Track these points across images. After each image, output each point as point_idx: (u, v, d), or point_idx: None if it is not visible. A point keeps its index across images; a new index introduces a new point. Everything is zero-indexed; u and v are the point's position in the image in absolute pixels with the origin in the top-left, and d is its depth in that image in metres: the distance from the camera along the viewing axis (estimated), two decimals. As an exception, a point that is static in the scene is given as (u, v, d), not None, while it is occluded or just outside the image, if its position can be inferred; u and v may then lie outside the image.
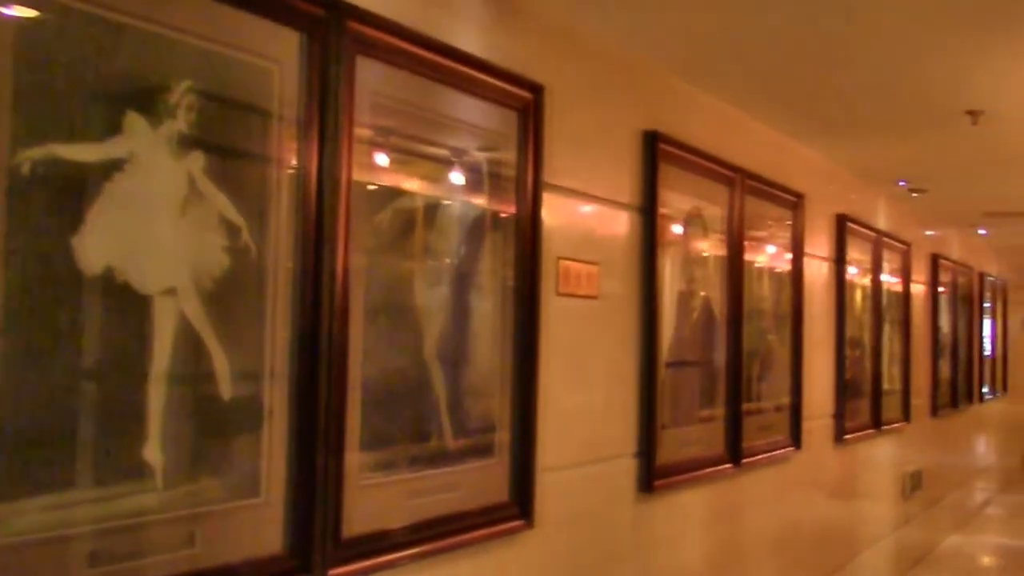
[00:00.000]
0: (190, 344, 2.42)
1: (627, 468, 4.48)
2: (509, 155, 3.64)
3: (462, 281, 3.41)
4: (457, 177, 3.41)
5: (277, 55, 2.68)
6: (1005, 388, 14.92)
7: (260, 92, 2.63)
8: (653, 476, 4.55)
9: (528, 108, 3.70)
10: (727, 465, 5.36)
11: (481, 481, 3.45)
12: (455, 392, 3.34)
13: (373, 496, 2.96)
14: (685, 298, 5.01)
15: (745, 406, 5.57)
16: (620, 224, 4.46)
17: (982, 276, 13.03)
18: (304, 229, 2.71)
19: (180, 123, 2.40)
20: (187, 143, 2.42)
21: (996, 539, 11.40)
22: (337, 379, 2.81)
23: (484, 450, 3.49)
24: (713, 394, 5.32)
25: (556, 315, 3.88)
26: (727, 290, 5.43)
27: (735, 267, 5.49)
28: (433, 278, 3.28)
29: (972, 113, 5.63)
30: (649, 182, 4.62)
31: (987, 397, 13.41)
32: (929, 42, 4.58)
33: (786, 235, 6.36)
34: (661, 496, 4.67)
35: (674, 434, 4.83)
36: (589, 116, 4.25)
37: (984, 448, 13.50)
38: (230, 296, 2.54)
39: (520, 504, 3.61)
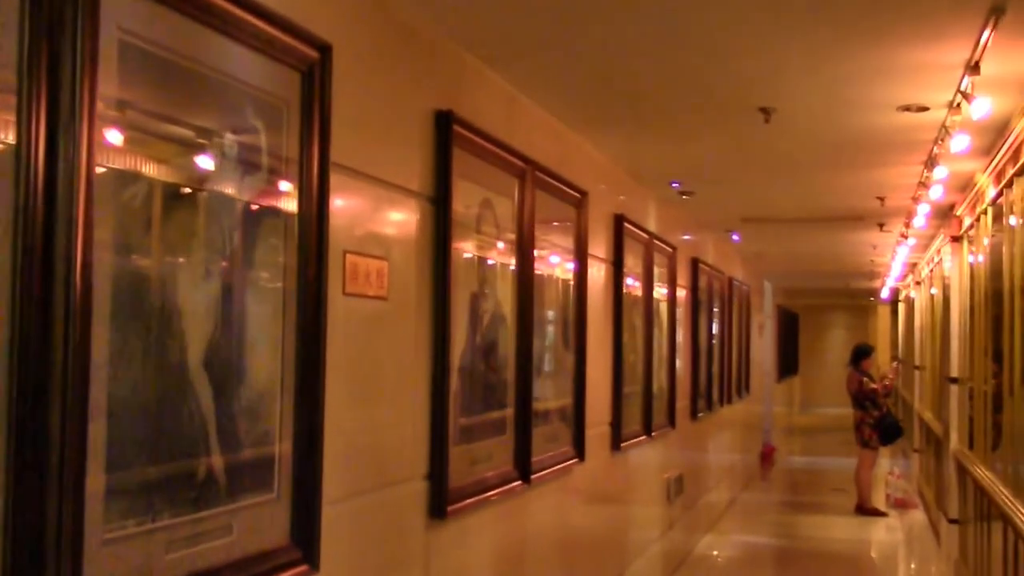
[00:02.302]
0: None
1: (417, 492, 3.95)
2: (292, 126, 3.04)
3: (236, 279, 2.80)
4: (229, 151, 2.78)
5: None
6: (748, 389, 15.25)
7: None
8: (445, 500, 4.04)
9: (314, 70, 3.11)
10: (517, 483, 4.91)
11: (258, 522, 2.83)
12: (227, 414, 2.71)
13: (121, 553, 2.30)
14: (477, 300, 4.53)
15: (534, 419, 5.15)
16: (410, 215, 3.93)
17: (731, 281, 13.22)
18: (27, 215, 2.03)
19: None
20: None
21: (741, 537, 11.57)
22: (75, 400, 2.12)
23: (261, 484, 2.88)
24: (503, 407, 4.86)
25: (343, 318, 3.31)
26: (517, 292, 4.98)
27: (525, 267, 5.05)
28: (201, 276, 2.65)
29: (765, 111, 5.44)
30: (442, 168, 4.10)
31: (735, 399, 13.63)
32: (724, 38, 4.40)
33: (571, 234, 6.00)
34: (454, 521, 4.16)
35: (466, 451, 4.34)
36: (378, 88, 3.70)
37: (731, 448, 13.72)
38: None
39: (303, 546, 3.01)
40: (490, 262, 4.79)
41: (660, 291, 8.60)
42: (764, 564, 10.65)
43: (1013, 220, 5.84)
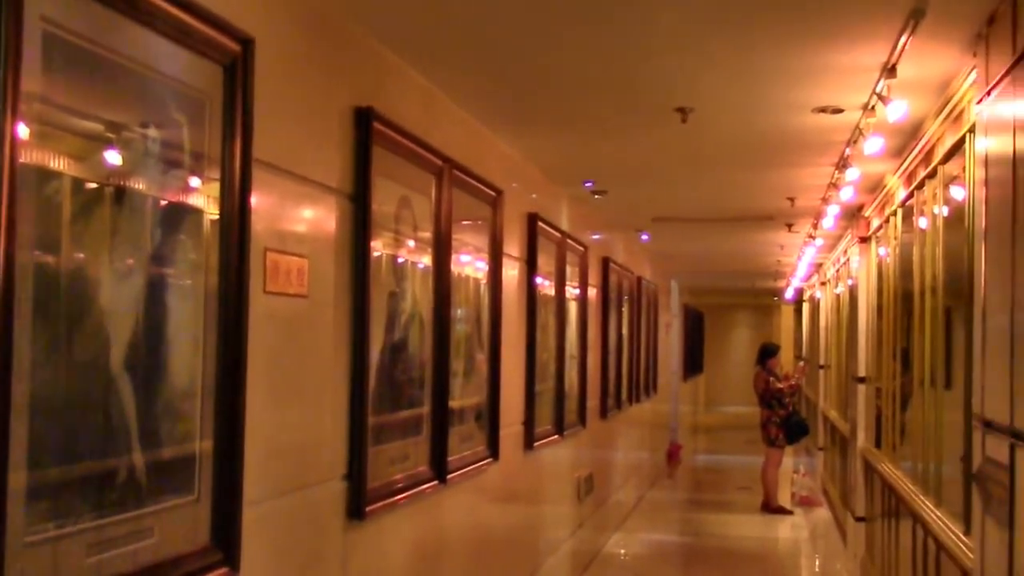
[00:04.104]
0: None
1: (336, 493, 3.88)
2: (214, 121, 2.96)
3: (157, 277, 2.71)
4: (151, 147, 2.70)
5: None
6: (655, 389, 15.37)
7: None
8: (364, 501, 3.98)
9: (236, 64, 3.03)
10: (433, 483, 4.86)
11: (179, 524, 2.77)
12: (149, 414, 2.63)
13: (42, 556, 2.23)
14: (395, 299, 4.47)
15: (449, 418, 5.10)
16: (330, 212, 3.86)
17: (640, 280, 13.30)
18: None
19: None
20: None
21: (649, 535, 11.65)
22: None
23: (183, 485, 2.81)
24: (420, 406, 4.81)
25: (263, 317, 3.23)
26: (435, 291, 4.93)
27: (443, 265, 5.00)
28: (122, 273, 2.57)
29: (682, 111, 5.46)
30: (362, 166, 4.04)
31: (643, 398, 13.73)
32: (641, 38, 4.39)
33: (486, 233, 5.96)
34: (372, 522, 4.10)
35: (384, 451, 4.28)
36: (300, 83, 3.64)
37: (639, 447, 13.82)
38: None
39: (224, 547, 2.94)
40: (408, 260, 4.74)
41: (571, 290, 8.61)
42: (672, 562, 10.73)
43: (923, 222, 5.94)
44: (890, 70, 4.45)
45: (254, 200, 3.12)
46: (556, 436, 7.83)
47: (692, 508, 13.93)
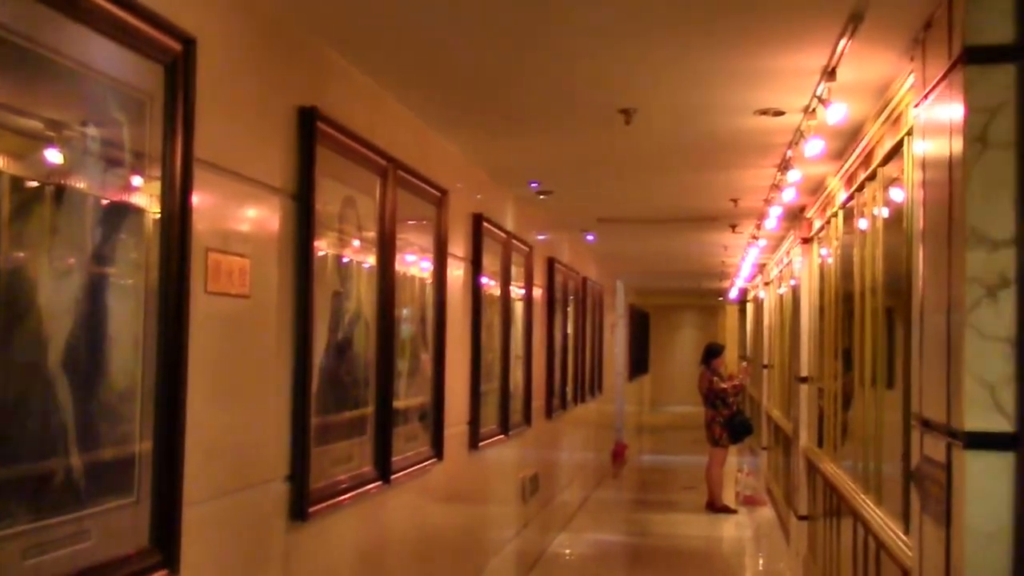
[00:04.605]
0: None
1: (279, 493, 3.86)
2: (155, 120, 2.94)
3: (96, 276, 2.68)
4: (91, 145, 2.67)
5: None
6: (600, 388, 15.43)
7: None
8: (307, 501, 3.96)
9: (178, 64, 3.01)
10: (377, 483, 4.85)
11: (118, 526, 2.74)
12: (87, 415, 2.61)
13: (-23, 559, 2.21)
14: (338, 299, 4.46)
15: (394, 418, 5.09)
16: (273, 212, 3.84)
17: (586, 280, 13.35)
18: None
19: None
20: None
21: (594, 535, 11.69)
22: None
23: (121, 487, 2.78)
24: (364, 406, 4.80)
25: (205, 317, 3.21)
26: (379, 291, 4.92)
27: (387, 266, 4.99)
28: (60, 272, 2.54)
29: (625, 112, 5.49)
30: (305, 165, 4.03)
31: (588, 397, 13.78)
32: (585, 39, 4.43)
33: (431, 233, 5.96)
34: (315, 523, 4.08)
35: (327, 452, 4.27)
36: (243, 83, 3.62)
37: (584, 447, 13.86)
38: None
39: (163, 549, 2.92)
40: (352, 261, 4.72)
41: (517, 290, 8.62)
42: (617, 562, 10.76)
43: (863, 223, 6.02)
44: (830, 73, 4.51)
45: (196, 200, 3.10)
46: (501, 436, 7.84)
47: (637, 508, 14.00)
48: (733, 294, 21.76)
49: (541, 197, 8.65)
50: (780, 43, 4.42)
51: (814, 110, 5.08)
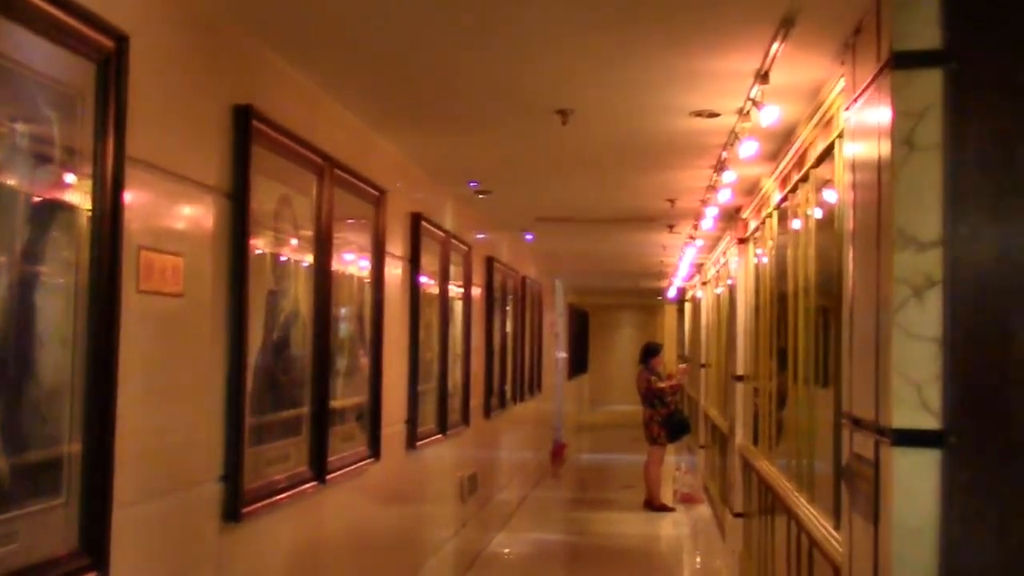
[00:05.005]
0: None
1: (212, 494, 3.84)
2: (87, 118, 2.91)
3: (25, 275, 2.65)
4: (19, 142, 2.64)
5: None
6: (540, 387, 15.48)
7: None
8: (241, 502, 3.94)
9: (110, 61, 2.99)
10: (313, 483, 4.83)
11: (46, 528, 2.71)
12: (14, 415, 2.58)
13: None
14: (274, 298, 4.44)
15: (330, 418, 5.08)
16: (207, 210, 3.82)
17: (525, 279, 13.38)
18: None
19: None
20: None
21: (532, 534, 11.73)
22: None
23: (50, 488, 2.75)
24: (300, 406, 4.78)
25: (136, 316, 3.18)
26: (316, 290, 4.90)
27: (323, 265, 4.98)
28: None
29: (562, 112, 5.51)
30: (240, 164, 4.01)
31: (527, 396, 13.82)
32: (522, 40, 4.44)
33: (369, 232, 5.95)
34: (249, 523, 4.06)
35: (262, 452, 4.25)
36: (177, 81, 3.60)
37: (523, 446, 13.89)
38: None
39: (93, 552, 2.89)
40: (288, 259, 4.70)
41: (456, 289, 8.63)
42: (555, 561, 10.81)
43: (797, 224, 6.09)
44: (763, 76, 4.56)
45: (128, 198, 3.08)
46: (439, 435, 7.84)
47: (576, 507, 14.06)
48: (672, 293, 21.92)
49: (480, 196, 8.67)
50: (714, 46, 4.46)
51: (748, 112, 5.14)
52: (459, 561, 8.97)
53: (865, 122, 3.81)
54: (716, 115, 5.56)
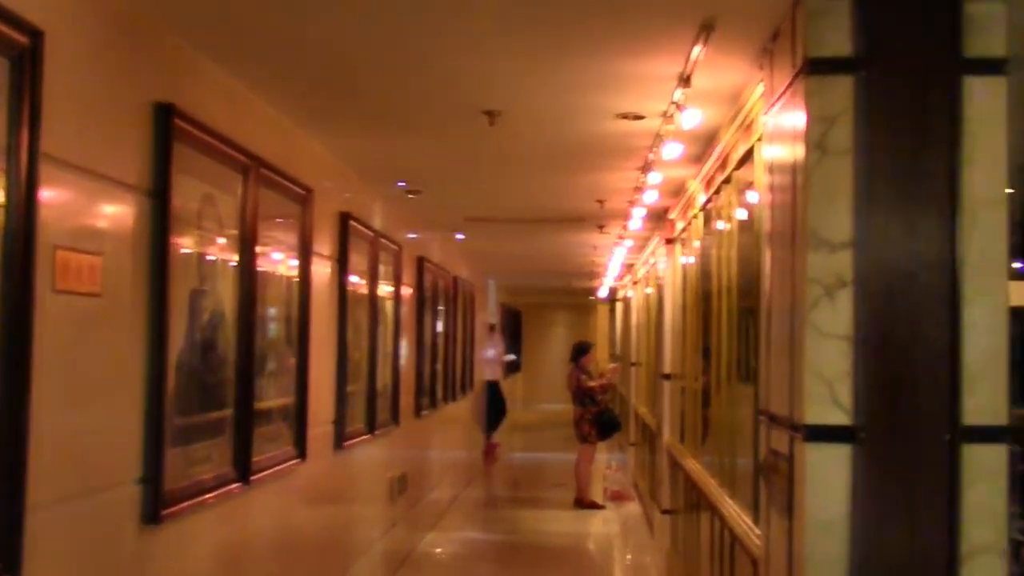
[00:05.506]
0: None
1: (131, 496, 3.81)
2: (0, 114, 2.89)
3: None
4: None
5: None
6: (472, 387, 15.51)
7: None
8: (161, 504, 3.92)
9: (24, 57, 2.96)
10: (236, 484, 4.81)
11: (-44, 531, 2.69)
12: (-77, 417, 2.55)
13: None
14: (197, 297, 4.42)
15: (255, 418, 5.06)
16: (127, 209, 3.79)
17: (456, 279, 13.39)
18: None
19: None
20: None
21: (463, 534, 11.75)
22: None
23: (-39, 490, 2.72)
24: (223, 406, 4.76)
25: (52, 316, 3.16)
26: (240, 289, 4.89)
27: (248, 264, 4.96)
28: None
29: (489, 113, 5.54)
30: (162, 162, 3.99)
31: (460, 396, 13.83)
32: (448, 40, 4.46)
33: (295, 232, 5.93)
34: (170, 525, 4.04)
35: (184, 453, 4.22)
36: (95, 78, 3.56)
37: (455, 445, 13.91)
38: None
39: (4, 557, 2.86)
40: (211, 258, 4.68)
41: (385, 289, 8.62)
42: (486, 559, 10.82)
43: (721, 224, 6.18)
44: (685, 80, 4.62)
45: (43, 196, 3.05)
46: (368, 435, 7.83)
47: (507, 505, 14.09)
48: (604, 293, 22.03)
49: (410, 196, 8.66)
50: (638, 50, 4.51)
51: (671, 115, 5.20)
52: (389, 561, 8.96)
53: (782, 126, 3.88)
54: (641, 117, 5.61)
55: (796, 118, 3.59)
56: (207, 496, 4.44)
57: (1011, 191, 5.11)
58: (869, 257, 3.37)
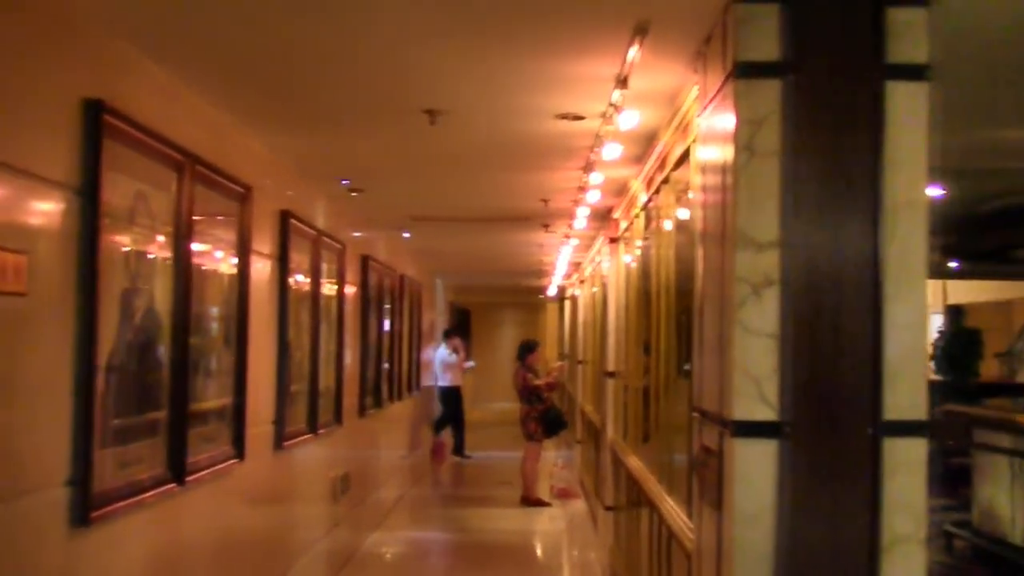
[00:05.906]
0: None
1: (58, 499, 3.77)
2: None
3: None
4: None
5: None
6: (419, 385, 15.48)
7: None
8: (90, 506, 3.88)
9: (-55, 55, 2.93)
10: (171, 485, 4.78)
11: None
12: None
13: None
14: (129, 296, 4.38)
15: (191, 418, 5.03)
16: (55, 206, 3.75)
17: (403, 278, 13.37)
18: None
19: None
20: None
21: (408, 533, 11.75)
22: None
23: None
24: (158, 407, 4.72)
25: (-24, 316, 3.13)
26: (174, 288, 4.85)
27: (183, 262, 4.92)
28: None
29: (430, 112, 5.54)
30: (91, 159, 3.95)
31: (406, 395, 13.80)
32: (388, 39, 4.45)
33: (233, 229, 5.89)
34: (101, 528, 4.00)
35: (115, 454, 4.19)
36: (20, 73, 3.52)
37: (401, 445, 13.88)
38: None
39: (-75, 557, 2.83)
40: (145, 257, 4.64)
41: (329, 288, 8.59)
42: (431, 558, 10.82)
43: (661, 224, 6.22)
44: (622, 82, 4.65)
45: (-34, 194, 3.02)
46: (309, 435, 7.80)
47: (454, 504, 14.08)
48: (552, 292, 22.07)
49: (353, 195, 8.63)
50: (575, 51, 4.53)
51: (610, 116, 5.23)
52: (331, 561, 8.93)
53: (714, 128, 3.92)
54: (581, 118, 5.63)
55: (727, 120, 3.63)
56: (140, 497, 4.41)
57: (944, 193, 5.19)
58: (795, 257, 3.42)
